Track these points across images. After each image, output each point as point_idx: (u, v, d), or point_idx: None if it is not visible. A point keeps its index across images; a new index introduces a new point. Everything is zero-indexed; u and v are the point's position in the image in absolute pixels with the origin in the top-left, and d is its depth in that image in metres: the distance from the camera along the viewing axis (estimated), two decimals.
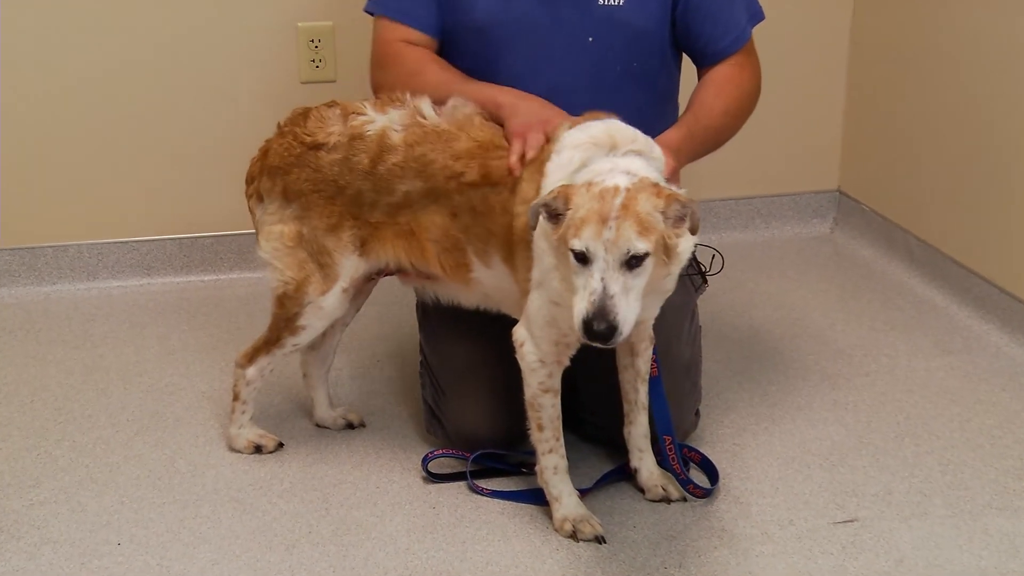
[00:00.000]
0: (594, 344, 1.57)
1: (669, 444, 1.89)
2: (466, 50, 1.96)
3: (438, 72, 1.93)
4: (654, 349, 1.88)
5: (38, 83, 2.69)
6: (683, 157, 1.85)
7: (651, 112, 1.98)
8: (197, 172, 2.80)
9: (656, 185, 1.62)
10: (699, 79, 2.03)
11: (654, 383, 1.89)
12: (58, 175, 2.76)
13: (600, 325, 1.53)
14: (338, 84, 2.73)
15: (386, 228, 1.89)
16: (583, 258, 1.58)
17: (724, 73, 1.99)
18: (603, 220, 1.56)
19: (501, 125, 1.83)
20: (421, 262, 1.90)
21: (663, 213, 1.59)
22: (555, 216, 1.62)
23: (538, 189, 1.74)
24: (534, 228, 1.66)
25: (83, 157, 2.76)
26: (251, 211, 1.98)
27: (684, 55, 2.08)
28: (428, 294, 2.00)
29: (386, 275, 2.00)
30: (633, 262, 1.56)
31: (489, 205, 1.81)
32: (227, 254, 2.85)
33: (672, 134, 1.86)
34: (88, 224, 2.79)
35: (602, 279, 1.55)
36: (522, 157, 1.75)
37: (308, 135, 1.89)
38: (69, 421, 2.22)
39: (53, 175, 2.76)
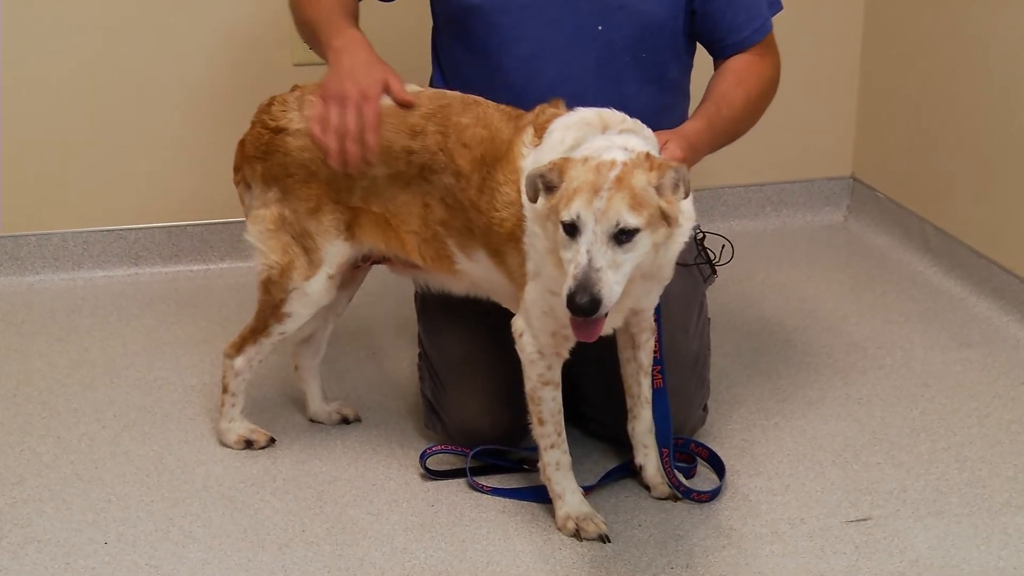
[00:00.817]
0: (577, 317, 1.55)
1: (666, 457, 1.87)
2: (469, 38, 1.93)
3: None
4: (659, 359, 1.86)
5: (21, 70, 2.67)
6: (701, 150, 1.83)
7: (660, 103, 1.95)
8: (186, 158, 2.78)
9: (649, 157, 1.60)
10: (716, 69, 1.98)
11: (658, 394, 1.87)
12: (43, 161, 2.74)
13: (583, 298, 1.52)
14: None
15: (364, 215, 1.88)
16: (572, 230, 1.56)
17: (744, 61, 1.96)
18: (595, 191, 1.55)
19: None
20: (402, 252, 1.89)
21: (658, 186, 1.57)
22: (549, 189, 1.61)
23: (518, 191, 1.72)
24: (534, 200, 1.64)
25: (68, 143, 2.74)
26: (240, 198, 1.98)
27: (697, 46, 2.03)
28: (419, 283, 1.98)
29: (374, 263, 1.98)
30: (622, 237, 1.55)
31: (458, 201, 1.79)
32: (217, 243, 2.83)
33: (690, 126, 1.83)
34: (73, 212, 2.77)
35: (588, 251, 1.53)
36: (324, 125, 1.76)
37: (272, 120, 1.90)
38: (53, 416, 2.20)
39: (37, 161, 2.73)
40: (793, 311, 2.59)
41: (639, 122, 1.71)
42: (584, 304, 1.52)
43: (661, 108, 1.94)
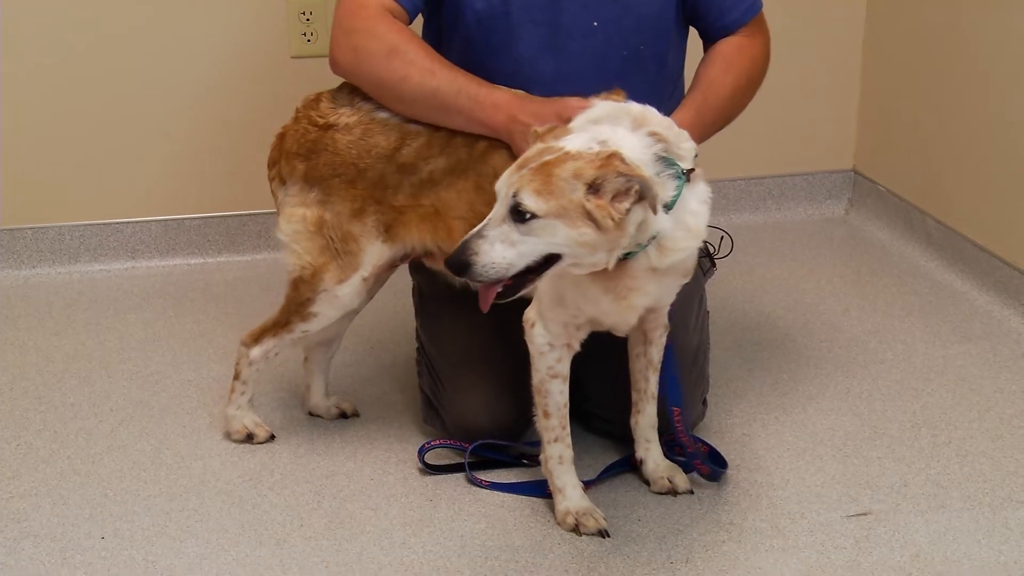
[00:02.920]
0: (452, 273, 1.55)
1: (678, 417, 1.85)
2: (467, 39, 1.91)
3: (422, 57, 1.79)
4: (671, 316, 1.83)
5: (17, 62, 2.65)
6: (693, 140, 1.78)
7: (659, 94, 1.93)
8: (183, 151, 2.77)
9: (609, 157, 1.53)
10: (706, 51, 1.96)
11: (667, 351, 1.84)
12: (39, 155, 2.72)
13: (456, 255, 1.53)
14: None
15: (410, 212, 1.86)
16: (495, 199, 1.56)
17: (735, 44, 1.94)
18: (520, 168, 1.55)
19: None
20: (448, 242, 1.87)
21: (593, 184, 1.51)
22: None
23: None
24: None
25: (65, 136, 2.72)
26: (273, 193, 1.96)
27: (690, 30, 2.01)
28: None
29: (412, 260, 1.97)
30: (518, 217, 1.52)
31: None
32: (215, 236, 2.82)
33: (680, 117, 1.80)
34: (70, 205, 2.75)
35: (488, 220, 1.54)
36: None
37: (321, 117, 1.88)
38: (50, 410, 2.19)
39: (34, 155, 2.72)
40: (793, 305, 2.58)
41: (683, 134, 1.65)
42: (451, 262, 1.53)
43: (662, 97, 1.92)
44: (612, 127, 1.61)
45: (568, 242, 1.54)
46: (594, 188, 1.52)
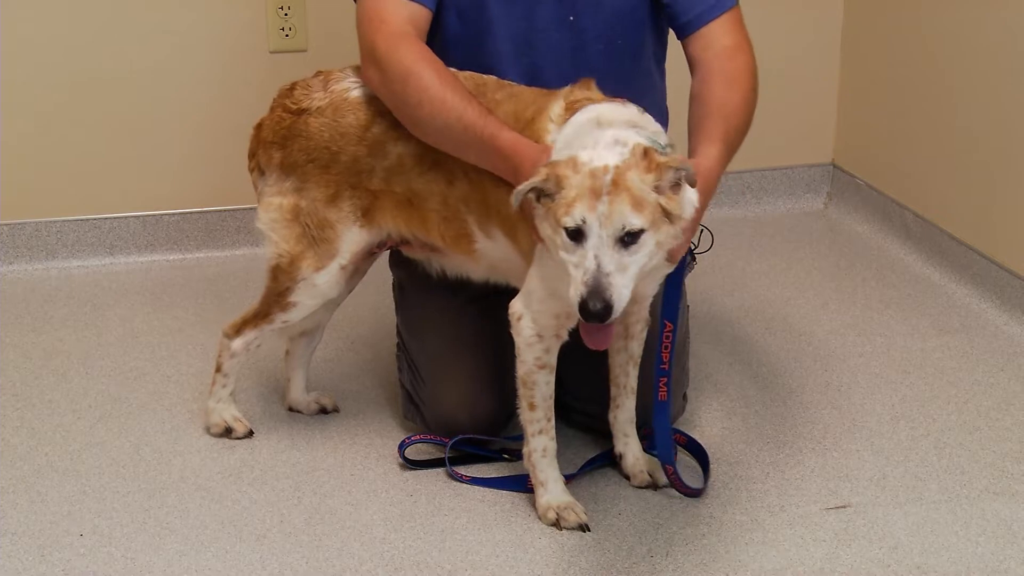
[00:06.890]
0: (590, 323, 1.56)
1: (672, 473, 1.85)
2: (446, 34, 1.91)
3: (436, 84, 1.75)
4: (667, 370, 1.80)
5: None
6: (722, 169, 1.76)
7: (635, 87, 1.92)
8: (161, 147, 2.76)
9: (646, 158, 1.58)
10: (686, 53, 1.93)
11: (661, 408, 1.81)
12: (15, 150, 2.70)
13: (596, 304, 1.52)
14: (309, 54, 2.68)
15: (386, 197, 1.86)
16: (577, 235, 1.55)
17: (727, 57, 1.85)
18: (596, 195, 1.55)
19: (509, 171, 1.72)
20: (422, 232, 1.87)
21: (657, 186, 1.57)
22: (546, 196, 1.60)
23: None
24: (515, 210, 1.63)
25: (41, 131, 2.70)
26: (254, 184, 1.97)
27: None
28: (434, 267, 1.96)
29: (388, 248, 1.96)
30: (628, 239, 1.55)
31: (481, 173, 1.77)
32: (193, 232, 2.81)
33: (711, 150, 1.75)
34: (47, 200, 2.74)
35: (596, 256, 1.53)
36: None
37: (294, 103, 1.89)
38: (27, 407, 2.17)
39: (10, 150, 2.69)
40: (773, 298, 2.59)
41: (644, 113, 1.68)
42: (598, 310, 1.52)
43: (638, 90, 1.90)
44: (602, 129, 1.62)
45: (654, 247, 1.57)
46: (657, 188, 1.56)
